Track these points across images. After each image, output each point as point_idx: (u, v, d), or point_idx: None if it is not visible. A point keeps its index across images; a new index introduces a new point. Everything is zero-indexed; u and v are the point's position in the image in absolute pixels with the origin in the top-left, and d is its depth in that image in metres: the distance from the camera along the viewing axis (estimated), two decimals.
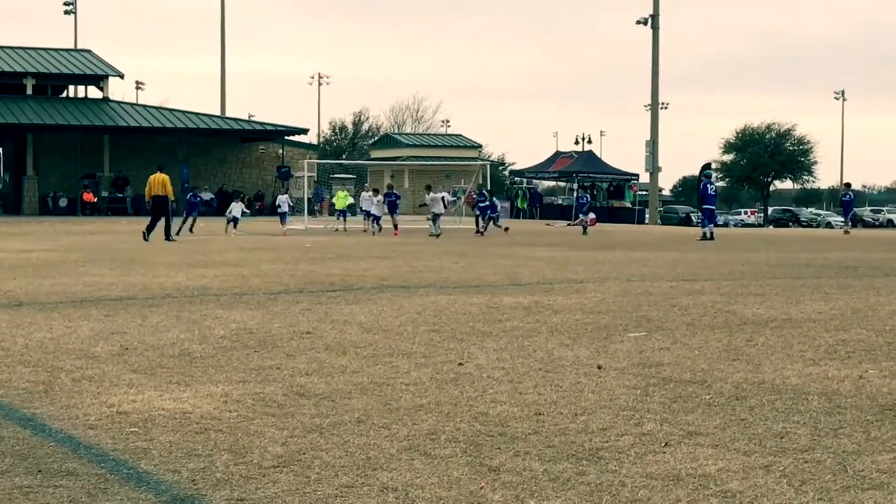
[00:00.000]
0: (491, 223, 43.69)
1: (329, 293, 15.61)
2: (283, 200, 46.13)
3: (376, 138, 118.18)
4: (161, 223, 32.44)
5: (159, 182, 33.06)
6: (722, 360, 9.71)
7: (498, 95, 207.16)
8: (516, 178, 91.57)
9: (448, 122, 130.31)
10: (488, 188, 50.18)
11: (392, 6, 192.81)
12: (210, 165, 71.81)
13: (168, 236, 32.20)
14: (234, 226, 40.39)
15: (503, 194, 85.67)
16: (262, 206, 70.29)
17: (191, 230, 38.94)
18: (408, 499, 5.51)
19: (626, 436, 6.84)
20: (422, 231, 40.84)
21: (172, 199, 33.49)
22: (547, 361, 9.70)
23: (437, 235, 38.56)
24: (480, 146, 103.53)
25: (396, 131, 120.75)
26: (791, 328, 11.88)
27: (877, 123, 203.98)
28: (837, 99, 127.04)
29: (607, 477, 5.90)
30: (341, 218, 45.92)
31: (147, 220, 33.36)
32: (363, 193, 47.27)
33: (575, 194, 66.96)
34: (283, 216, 44.85)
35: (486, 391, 8.31)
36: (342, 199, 47.15)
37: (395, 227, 42.51)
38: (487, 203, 44.00)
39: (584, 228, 44.35)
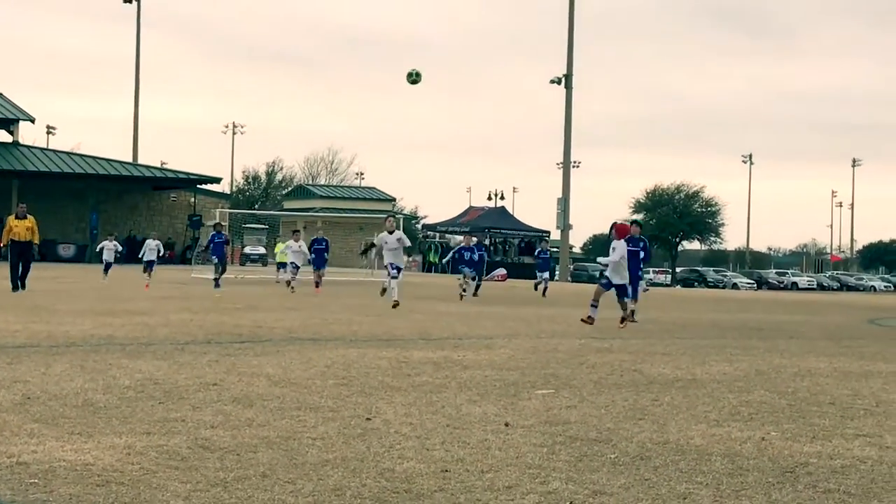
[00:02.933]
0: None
1: (237, 344, 15.49)
2: (152, 247, 41.39)
3: (290, 189, 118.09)
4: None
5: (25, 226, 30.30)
6: (628, 419, 9.76)
7: (412, 149, 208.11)
8: (429, 232, 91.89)
9: (362, 174, 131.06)
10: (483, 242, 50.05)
11: (309, 58, 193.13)
12: (120, 212, 71.20)
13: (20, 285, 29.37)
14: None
15: (415, 248, 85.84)
16: (171, 255, 69.73)
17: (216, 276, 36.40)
18: None
19: (531, 494, 6.84)
20: (331, 283, 40.38)
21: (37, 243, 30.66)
22: (455, 417, 9.68)
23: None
24: (394, 199, 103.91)
25: (310, 182, 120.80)
26: (696, 388, 11.99)
27: (783, 187, 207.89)
28: (745, 162, 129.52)
29: None
30: (283, 269, 43.25)
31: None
32: (290, 242, 42.70)
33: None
34: (150, 264, 40.15)
35: (393, 447, 8.27)
36: (282, 250, 44.66)
37: (318, 283, 36.99)
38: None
39: (541, 289, 40.08)
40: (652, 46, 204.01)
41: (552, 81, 74.17)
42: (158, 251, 41.59)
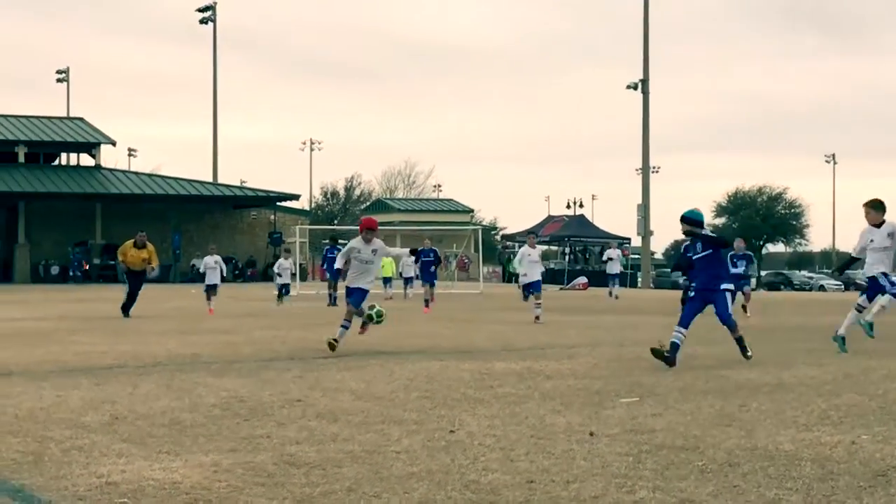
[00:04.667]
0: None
1: (320, 360, 15.58)
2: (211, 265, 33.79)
3: (368, 203, 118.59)
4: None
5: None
6: (715, 426, 9.69)
7: (489, 160, 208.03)
8: (508, 243, 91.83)
9: (440, 186, 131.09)
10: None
11: (383, 72, 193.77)
12: (202, 231, 71.87)
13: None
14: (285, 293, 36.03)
15: (496, 259, 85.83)
16: (254, 272, 70.34)
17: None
18: None
19: None
20: (419, 295, 40.24)
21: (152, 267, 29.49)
22: (539, 428, 9.67)
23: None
24: (472, 210, 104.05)
25: (388, 196, 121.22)
26: (784, 393, 11.87)
27: (868, 185, 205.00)
28: (828, 162, 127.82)
29: None
30: (388, 287, 41.70)
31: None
32: (404, 259, 42.29)
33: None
34: (212, 287, 32.66)
35: (477, 459, 8.28)
36: (388, 265, 41.62)
37: (427, 301, 32.42)
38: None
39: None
40: (725, 47, 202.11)
41: (628, 87, 73.85)
42: (221, 270, 33.83)
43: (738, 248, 27.59)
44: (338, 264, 18.09)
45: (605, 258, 45.22)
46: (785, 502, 6.84)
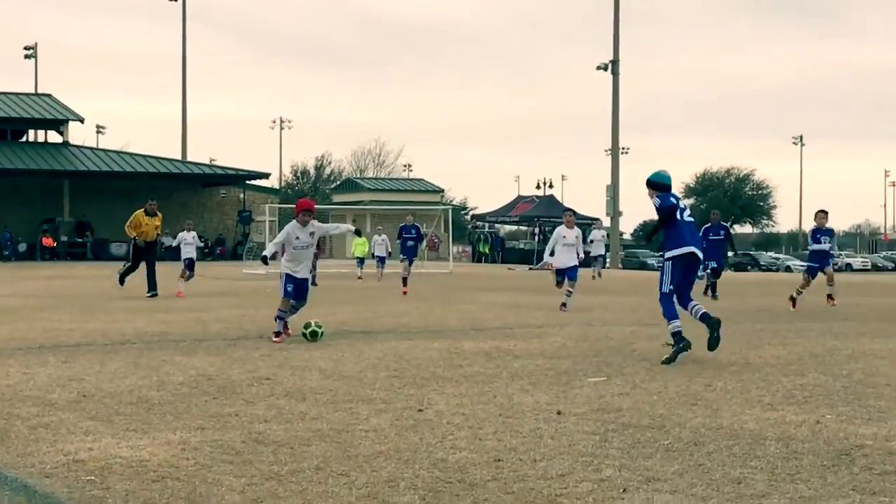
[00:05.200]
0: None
1: (289, 339, 15.55)
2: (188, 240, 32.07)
3: (338, 182, 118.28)
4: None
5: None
6: (681, 405, 9.75)
7: (460, 140, 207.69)
8: (478, 223, 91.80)
9: (410, 166, 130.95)
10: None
11: (354, 51, 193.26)
12: (171, 209, 71.39)
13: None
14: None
15: (466, 238, 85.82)
16: (223, 251, 70.16)
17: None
18: None
19: (584, 482, 6.85)
20: (390, 275, 40.15)
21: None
22: (507, 407, 9.70)
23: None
24: (442, 190, 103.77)
25: (358, 176, 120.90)
26: (749, 373, 11.95)
27: (834, 168, 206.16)
28: (795, 144, 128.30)
29: None
30: (360, 267, 41.31)
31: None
32: (376, 238, 42.44)
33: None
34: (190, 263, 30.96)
35: (445, 437, 8.30)
36: (360, 245, 42.84)
37: (405, 280, 30.21)
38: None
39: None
40: (696, 30, 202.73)
41: (598, 68, 73.76)
42: (198, 246, 32.74)
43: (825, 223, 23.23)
44: (268, 252, 16.47)
45: (589, 239, 45.16)
46: (749, 481, 6.89)
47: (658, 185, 13.74)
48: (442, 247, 71.95)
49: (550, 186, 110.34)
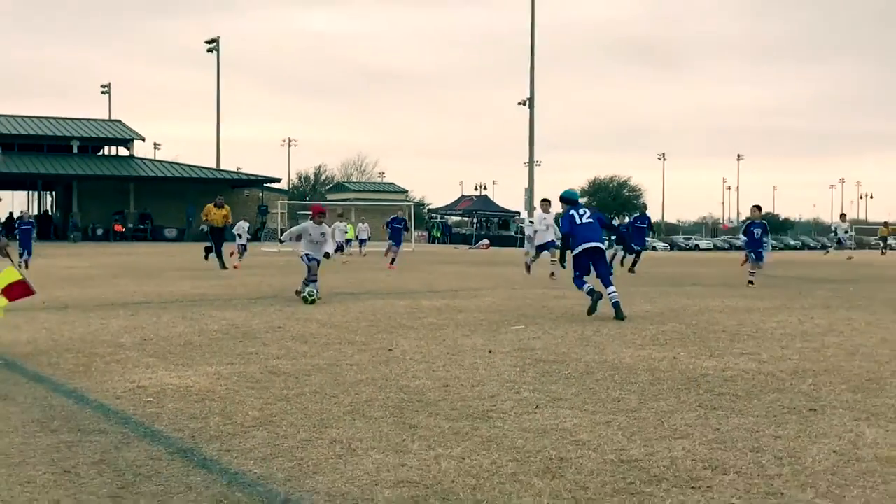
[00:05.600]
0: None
1: (295, 298, 15.47)
2: (242, 228, 32.04)
3: (331, 185, 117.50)
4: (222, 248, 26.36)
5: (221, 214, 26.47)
6: (577, 346, 9.79)
7: (419, 154, 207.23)
8: (433, 214, 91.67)
9: (383, 173, 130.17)
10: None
11: (343, 88, 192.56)
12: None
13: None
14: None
15: (424, 226, 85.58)
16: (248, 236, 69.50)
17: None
18: (350, 449, 5.49)
19: (508, 401, 6.88)
20: (372, 253, 40.03)
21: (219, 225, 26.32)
22: (453, 347, 9.71)
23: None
24: (407, 191, 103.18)
25: (346, 180, 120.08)
26: (626, 322, 12.00)
27: (688, 176, 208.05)
28: (660, 159, 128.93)
29: (494, 431, 5.92)
30: (349, 246, 38.30)
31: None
32: (360, 225, 41.19)
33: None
34: (243, 247, 30.57)
35: (408, 370, 8.30)
36: (350, 229, 40.10)
37: (393, 260, 28.41)
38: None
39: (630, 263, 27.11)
40: (589, 72, 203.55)
41: (519, 103, 73.74)
42: (248, 234, 31.98)
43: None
44: (283, 238, 15.84)
45: (534, 229, 43.87)
46: (626, 399, 6.94)
47: (568, 199, 13.36)
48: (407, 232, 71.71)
49: (485, 189, 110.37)
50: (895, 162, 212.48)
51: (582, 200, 14.27)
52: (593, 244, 12.86)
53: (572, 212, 12.94)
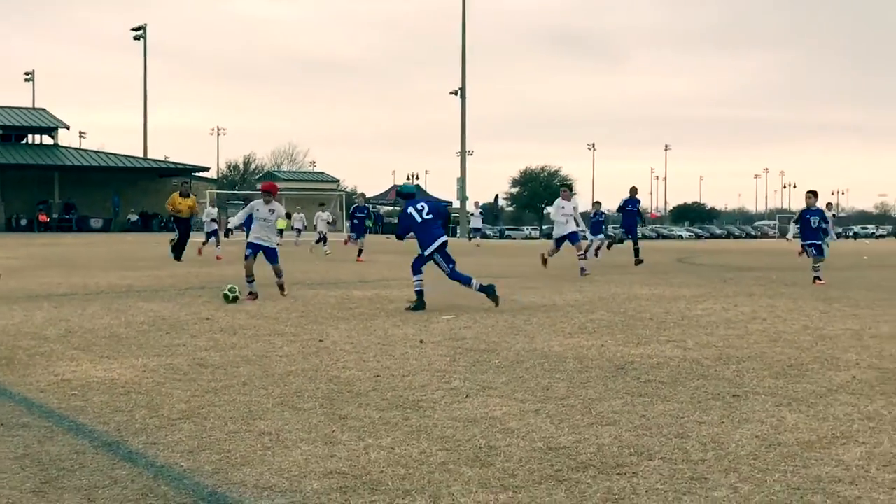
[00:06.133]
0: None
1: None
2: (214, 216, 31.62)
3: (261, 174, 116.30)
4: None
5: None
6: (507, 335, 9.85)
7: (351, 143, 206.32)
8: (366, 205, 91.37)
9: (314, 162, 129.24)
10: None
11: (274, 77, 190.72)
12: (135, 195, 69.82)
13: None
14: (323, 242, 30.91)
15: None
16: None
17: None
18: (279, 441, 5.45)
19: (439, 390, 6.89)
20: (304, 242, 39.67)
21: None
22: (384, 337, 9.70)
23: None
24: (338, 180, 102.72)
25: (276, 169, 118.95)
26: (555, 311, 12.12)
27: (616, 166, 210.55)
28: (590, 149, 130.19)
29: (424, 420, 5.93)
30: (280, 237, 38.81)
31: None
32: (295, 215, 40.26)
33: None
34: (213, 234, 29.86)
35: (338, 360, 8.27)
36: (283, 223, 38.67)
37: (360, 251, 26.77)
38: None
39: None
40: (523, 65, 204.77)
41: (451, 93, 73.85)
42: (217, 223, 31.08)
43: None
44: (234, 223, 14.72)
45: (469, 214, 43.70)
46: (555, 387, 6.99)
47: (403, 194, 12.98)
48: (339, 222, 71.34)
49: (417, 178, 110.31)
50: (818, 151, 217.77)
51: (513, 190, 14.32)
52: (442, 239, 12.65)
53: (410, 209, 12.56)
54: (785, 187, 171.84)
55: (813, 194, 17.73)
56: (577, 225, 19.13)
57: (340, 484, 4.58)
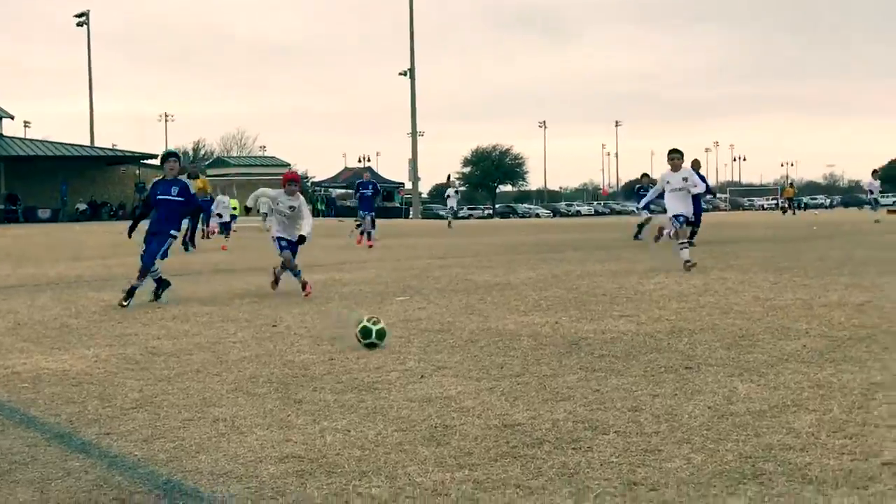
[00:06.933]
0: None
1: (176, 277, 15.10)
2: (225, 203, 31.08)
3: (211, 160, 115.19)
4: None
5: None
6: (462, 315, 9.86)
7: (301, 126, 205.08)
8: (316, 188, 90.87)
9: (265, 147, 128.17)
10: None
11: (221, 62, 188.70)
12: (83, 184, 68.83)
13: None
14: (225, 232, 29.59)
15: (307, 199, 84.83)
16: (123, 213, 67.73)
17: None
18: (234, 427, 5.42)
19: (393, 371, 6.89)
20: (250, 229, 39.49)
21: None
22: (338, 321, 9.66)
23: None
24: (289, 164, 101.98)
25: (226, 155, 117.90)
26: (509, 290, 12.16)
27: (568, 143, 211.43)
28: (541, 127, 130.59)
29: (380, 402, 5.93)
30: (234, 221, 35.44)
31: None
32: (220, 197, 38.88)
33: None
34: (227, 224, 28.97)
35: (293, 344, 8.23)
36: (234, 202, 38.29)
37: (370, 234, 24.74)
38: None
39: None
40: (473, 44, 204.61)
41: (400, 74, 73.59)
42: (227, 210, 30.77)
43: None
44: (251, 202, 13.00)
45: (445, 195, 42.62)
46: (509, 365, 7.02)
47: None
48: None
49: (369, 160, 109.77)
50: (767, 124, 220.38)
51: (466, 170, 14.32)
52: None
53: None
54: (735, 160, 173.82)
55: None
56: (685, 206, 14.43)
57: (297, 468, 4.57)
